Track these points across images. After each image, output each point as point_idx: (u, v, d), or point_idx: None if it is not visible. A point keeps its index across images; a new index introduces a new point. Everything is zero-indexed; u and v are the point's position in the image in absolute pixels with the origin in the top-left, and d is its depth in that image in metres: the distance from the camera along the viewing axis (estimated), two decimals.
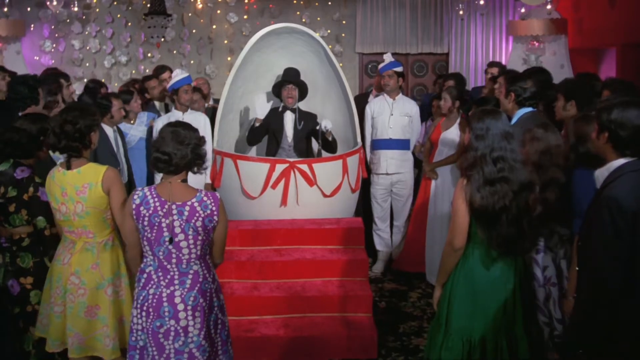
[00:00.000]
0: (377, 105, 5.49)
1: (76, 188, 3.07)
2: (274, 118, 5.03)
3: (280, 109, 5.04)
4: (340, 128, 5.53)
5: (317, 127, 4.92)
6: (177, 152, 2.73)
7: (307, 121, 5.03)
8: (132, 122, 5.20)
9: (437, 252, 5.10)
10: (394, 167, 5.45)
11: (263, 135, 5.06)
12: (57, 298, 3.10)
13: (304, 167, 4.58)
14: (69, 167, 3.11)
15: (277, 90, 5.07)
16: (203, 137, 2.84)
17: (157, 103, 5.71)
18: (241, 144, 5.35)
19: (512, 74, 4.55)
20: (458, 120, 5.18)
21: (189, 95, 5.07)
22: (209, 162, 3.49)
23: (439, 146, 5.21)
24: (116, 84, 8.11)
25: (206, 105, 5.90)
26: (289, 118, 5.02)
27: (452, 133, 5.15)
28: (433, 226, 5.19)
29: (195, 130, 2.81)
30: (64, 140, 3.08)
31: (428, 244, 5.23)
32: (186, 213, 2.73)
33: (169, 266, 2.77)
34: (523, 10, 8.23)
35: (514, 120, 4.01)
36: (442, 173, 5.19)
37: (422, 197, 5.33)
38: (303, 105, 5.20)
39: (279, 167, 4.53)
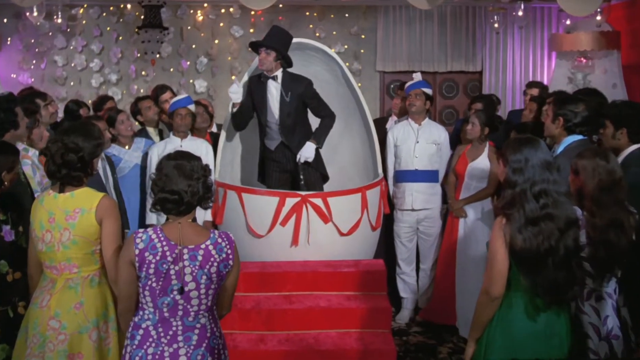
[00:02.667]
0: (401, 131, 5.56)
1: (66, 212, 3.08)
2: (256, 90, 4.93)
3: (261, 78, 4.90)
4: (359, 157, 5.60)
5: (297, 160, 4.89)
6: (187, 190, 2.74)
7: (295, 90, 4.84)
8: (126, 146, 5.30)
9: (469, 301, 5.07)
10: (421, 202, 5.49)
11: (249, 115, 4.98)
12: (35, 348, 3.02)
13: (318, 201, 4.63)
14: (62, 190, 3.12)
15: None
16: (208, 166, 2.86)
17: (150, 129, 5.78)
18: (246, 174, 5.43)
19: (562, 95, 4.55)
20: (487, 149, 5.24)
21: (185, 120, 5.14)
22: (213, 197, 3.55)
23: (466, 179, 5.27)
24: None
25: (208, 130, 6.01)
26: (272, 89, 4.88)
27: (481, 163, 5.21)
28: (464, 271, 5.20)
29: (199, 159, 2.84)
30: (65, 170, 3.10)
31: (459, 291, 5.23)
32: (200, 258, 2.73)
33: (172, 320, 2.74)
34: (568, 22, 8.27)
35: (560, 149, 4.01)
36: (472, 210, 5.23)
37: (449, 237, 5.36)
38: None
39: (290, 202, 4.59)
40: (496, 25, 8.23)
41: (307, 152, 4.88)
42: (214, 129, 6.07)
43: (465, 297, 5.13)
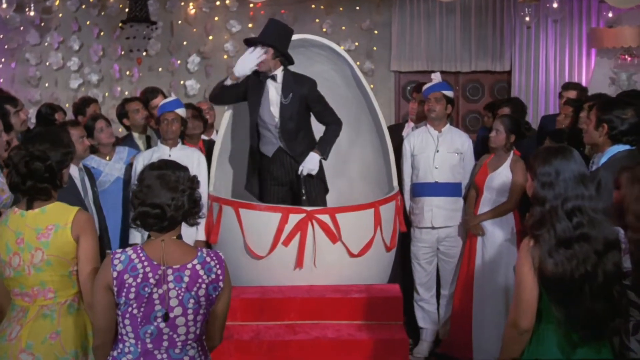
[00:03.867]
0: (419, 139, 5.60)
1: (37, 231, 3.07)
2: (252, 87, 4.98)
3: (260, 77, 4.98)
4: (371, 168, 5.63)
5: (299, 173, 4.95)
6: (170, 203, 2.75)
7: (297, 91, 4.91)
8: (107, 157, 5.35)
9: (486, 334, 5.11)
10: (442, 219, 5.52)
11: (233, 99, 5.05)
12: None
13: (325, 218, 4.66)
14: (30, 207, 3.12)
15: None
16: (195, 177, 2.88)
17: (136, 135, 5.85)
18: (242, 186, 5.46)
19: (606, 98, 4.50)
20: (510, 159, 5.28)
21: (172, 126, 5.16)
22: (204, 210, 3.55)
23: (485, 192, 5.30)
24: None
25: (205, 137, 6.04)
26: (272, 89, 4.95)
27: (502, 175, 5.24)
28: (482, 299, 5.21)
29: (185, 169, 2.86)
30: (31, 181, 3.10)
31: (475, 322, 5.23)
32: (186, 279, 2.73)
33: (156, 352, 2.72)
34: (610, 14, 8.28)
35: (603, 160, 3.94)
36: (492, 228, 5.26)
37: (467, 258, 5.38)
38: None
39: (293, 218, 4.62)
40: (527, 18, 8.14)
41: (310, 163, 4.92)
42: (213, 136, 6.10)
43: (482, 329, 5.14)
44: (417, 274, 5.66)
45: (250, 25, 8.72)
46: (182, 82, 8.73)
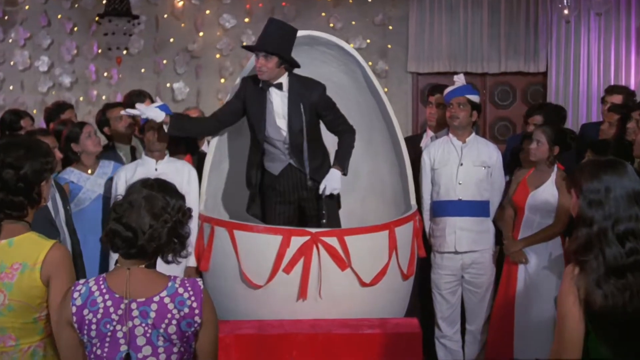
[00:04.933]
0: (440, 151, 5.61)
1: (1, 268, 3.02)
2: (252, 98, 4.97)
3: (260, 84, 4.96)
4: (385, 183, 5.63)
5: (320, 192, 4.95)
6: (146, 230, 2.74)
7: (307, 99, 4.91)
8: (89, 171, 5.36)
9: None
10: (466, 243, 5.51)
11: (229, 121, 5.09)
12: None
13: (332, 241, 4.66)
14: None
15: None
16: (190, 210, 2.87)
17: (120, 145, 5.86)
18: (240, 206, 5.46)
19: None
20: (554, 174, 5.27)
21: (160, 136, 5.13)
22: (191, 247, 3.51)
23: (527, 213, 5.29)
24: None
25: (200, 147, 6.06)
26: (277, 99, 4.97)
27: (546, 192, 5.23)
28: (524, 336, 5.19)
29: (180, 198, 2.85)
30: (1, 193, 3.07)
31: None
32: (152, 314, 2.72)
33: None
34: None
35: None
36: (536, 254, 5.23)
37: (505, 289, 5.36)
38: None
39: (296, 241, 4.62)
40: (566, 11, 8.09)
41: (334, 182, 4.92)
42: (204, 147, 6.13)
43: None
44: (439, 306, 5.64)
45: (246, 19, 8.77)
46: (168, 84, 8.78)
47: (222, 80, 8.73)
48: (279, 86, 4.92)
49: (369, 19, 8.82)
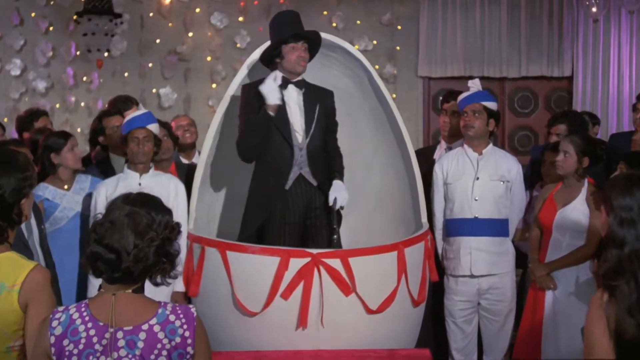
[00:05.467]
0: (453, 164, 5.63)
1: None
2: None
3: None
4: (394, 199, 5.65)
5: (330, 204, 5.01)
6: (131, 251, 2.73)
7: (323, 102, 5.10)
8: (65, 186, 5.39)
9: None
10: (484, 266, 5.53)
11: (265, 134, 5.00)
12: None
13: (335, 263, 4.66)
14: None
15: (273, 53, 5.04)
16: (178, 225, 2.87)
17: (114, 157, 5.87)
18: (232, 225, 5.49)
19: None
20: (585, 189, 5.28)
21: (145, 146, 5.17)
22: (181, 267, 3.51)
23: (555, 233, 5.29)
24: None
25: (185, 160, 6.12)
26: (293, 97, 5.07)
27: (576, 210, 5.24)
28: None
29: (166, 213, 2.85)
30: None
31: None
32: (140, 344, 2.71)
33: None
34: None
35: None
36: (564, 279, 5.24)
37: (531, 317, 5.36)
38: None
39: (295, 264, 4.63)
40: (594, 9, 8.07)
41: (343, 192, 4.99)
42: (195, 159, 6.17)
43: None
44: (453, 335, 5.65)
45: (240, 18, 8.81)
46: (154, 90, 8.82)
47: (214, 86, 8.75)
48: (300, 83, 5.05)
49: (376, 18, 8.86)
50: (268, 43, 5.18)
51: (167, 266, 2.81)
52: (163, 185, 5.12)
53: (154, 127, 5.32)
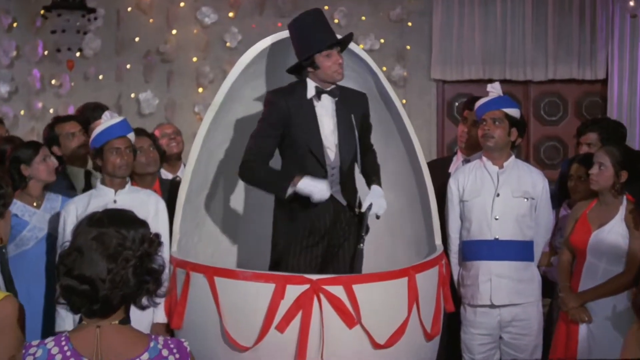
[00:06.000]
0: (471, 178, 5.64)
1: None
2: (300, 114, 5.05)
3: (309, 95, 5.07)
4: (404, 218, 5.66)
5: (363, 209, 5.04)
6: (106, 278, 2.73)
7: (357, 111, 5.16)
8: (34, 204, 5.39)
9: None
10: (506, 294, 5.52)
11: (270, 156, 5.08)
12: None
13: (338, 290, 4.66)
14: None
15: (304, 63, 5.04)
16: (157, 236, 2.87)
17: (73, 169, 5.88)
18: (222, 247, 5.48)
19: None
20: (623, 207, 5.27)
21: (124, 158, 5.18)
22: (165, 284, 3.51)
23: (589, 257, 5.28)
24: None
25: (170, 174, 6.14)
26: (327, 108, 5.12)
27: (614, 231, 5.23)
28: None
29: (140, 225, 2.86)
30: None
31: None
32: None
33: None
34: None
35: None
36: (600, 310, 5.23)
37: (561, 354, 5.34)
38: None
39: (292, 291, 4.62)
40: (632, 3, 8.08)
41: (381, 199, 5.05)
42: (180, 173, 6.20)
43: None
44: None
45: (230, 14, 8.83)
46: (133, 94, 8.85)
47: (200, 90, 8.78)
48: (334, 91, 5.08)
49: (383, 14, 8.89)
50: (265, 42, 5.25)
51: (151, 285, 2.81)
52: (141, 203, 5.12)
53: (132, 137, 5.33)
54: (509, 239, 5.52)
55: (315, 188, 4.90)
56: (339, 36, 5.07)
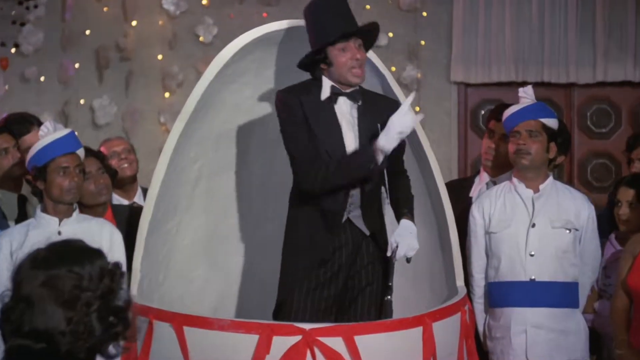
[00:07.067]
0: (499, 204, 5.69)
1: None
2: (318, 117, 5.08)
3: (323, 96, 5.10)
4: (418, 255, 5.56)
5: (389, 252, 5.03)
6: (64, 330, 2.73)
7: (383, 118, 4.98)
8: None
9: None
10: (544, 349, 5.55)
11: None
12: None
13: (336, 343, 4.67)
14: None
15: (317, 57, 5.07)
16: (118, 266, 2.86)
17: (2, 193, 5.91)
18: (195, 289, 5.51)
19: None
20: None
21: (73, 179, 5.20)
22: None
23: None
24: None
25: (125, 201, 6.17)
26: (345, 114, 5.13)
27: None
28: None
29: (97, 255, 2.84)
30: None
31: None
32: None
33: None
34: None
35: None
36: None
37: None
38: None
39: (281, 343, 4.63)
40: None
41: (411, 238, 4.98)
42: (137, 199, 6.25)
43: None
44: None
45: (204, 1, 8.87)
46: (83, 100, 8.88)
47: (167, 95, 8.82)
48: (355, 94, 5.09)
49: (393, 1, 8.96)
50: (247, 36, 5.29)
51: (120, 327, 2.81)
52: (92, 234, 5.12)
53: (82, 153, 5.35)
54: (547, 280, 5.56)
55: (399, 121, 4.85)
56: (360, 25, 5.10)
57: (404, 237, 4.99)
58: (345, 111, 5.09)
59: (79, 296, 2.75)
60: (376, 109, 5.09)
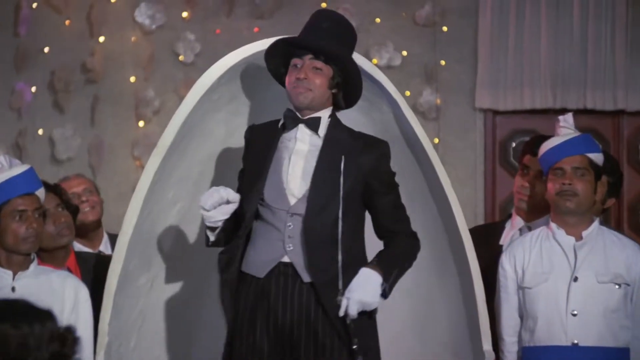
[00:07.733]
0: (534, 254, 5.68)
1: None
2: (260, 145, 5.16)
3: (281, 122, 5.19)
4: (438, 313, 5.69)
5: (341, 313, 4.88)
6: None
7: (353, 159, 5.04)
8: None
9: None
10: None
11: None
12: None
13: None
14: None
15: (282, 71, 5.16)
16: (70, 331, 2.91)
17: None
18: (170, 351, 5.51)
19: None
20: None
21: (32, 224, 5.21)
22: None
23: None
24: None
25: (88, 250, 6.17)
26: (301, 145, 5.14)
27: None
28: None
29: (46, 317, 2.88)
30: None
31: None
32: None
33: None
34: None
35: None
36: None
37: None
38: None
39: None
40: None
41: (365, 293, 4.84)
42: (104, 247, 6.28)
43: None
44: None
45: (184, 14, 8.92)
46: (41, 131, 8.89)
47: (141, 124, 8.83)
48: (314, 123, 5.08)
49: (407, 14, 9.00)
50: (235, 55, 5.34)
51: None
52: (53, 290, 5.14)
53: (42, 194, 5.35)
54: (593, 344, 5.54)
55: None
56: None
57: (357, 288, 4.86)
58: (301, 144, 5.10)
59: (25, 356, 2.80)
60: (348, 142, 5.11)
